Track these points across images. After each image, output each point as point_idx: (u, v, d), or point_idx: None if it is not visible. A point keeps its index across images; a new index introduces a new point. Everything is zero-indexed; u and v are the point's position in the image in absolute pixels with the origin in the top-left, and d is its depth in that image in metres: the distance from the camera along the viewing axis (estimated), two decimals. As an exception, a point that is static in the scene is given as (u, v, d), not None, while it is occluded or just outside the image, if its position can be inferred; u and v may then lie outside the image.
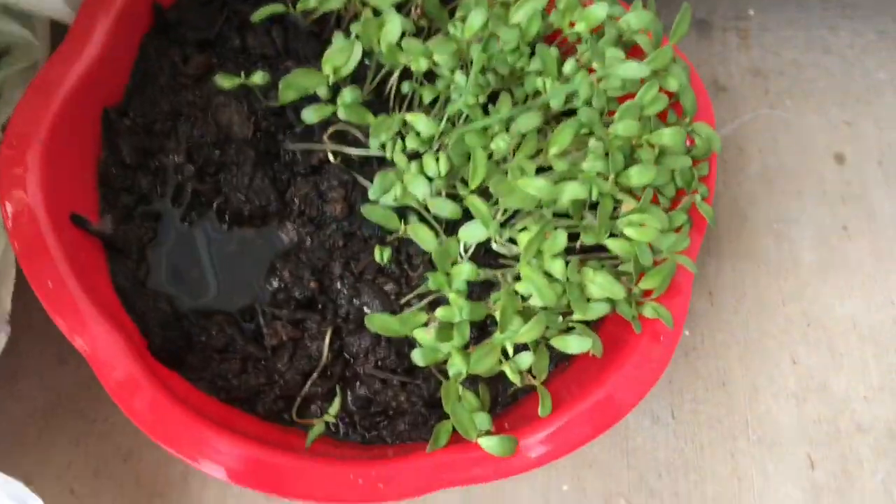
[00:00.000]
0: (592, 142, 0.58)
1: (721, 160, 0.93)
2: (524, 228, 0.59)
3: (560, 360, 0.67)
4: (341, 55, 0.62)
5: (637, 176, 0.58)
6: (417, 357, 0.58)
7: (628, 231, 0.58)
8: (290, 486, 0.54)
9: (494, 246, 0.66)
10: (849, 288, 0.89)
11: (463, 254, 0.65)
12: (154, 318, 0.62)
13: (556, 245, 0.56)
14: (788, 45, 1.02)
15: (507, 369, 0.58)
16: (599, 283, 0.57)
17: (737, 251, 0.90)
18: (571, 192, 0.57)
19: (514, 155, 0.61)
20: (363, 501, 0.54)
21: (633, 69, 0.62)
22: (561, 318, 0.60)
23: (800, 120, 0.97)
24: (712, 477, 0.80)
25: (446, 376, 0.64)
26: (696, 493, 0.79)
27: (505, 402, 0.66)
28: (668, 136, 0.60)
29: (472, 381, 0.63)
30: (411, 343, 0.65)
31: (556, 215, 0.61)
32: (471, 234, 0.59)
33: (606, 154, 0.59)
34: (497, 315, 0.57)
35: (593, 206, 0.62)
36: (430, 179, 0.60)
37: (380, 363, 0.64)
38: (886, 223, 0.93)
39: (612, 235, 0.59)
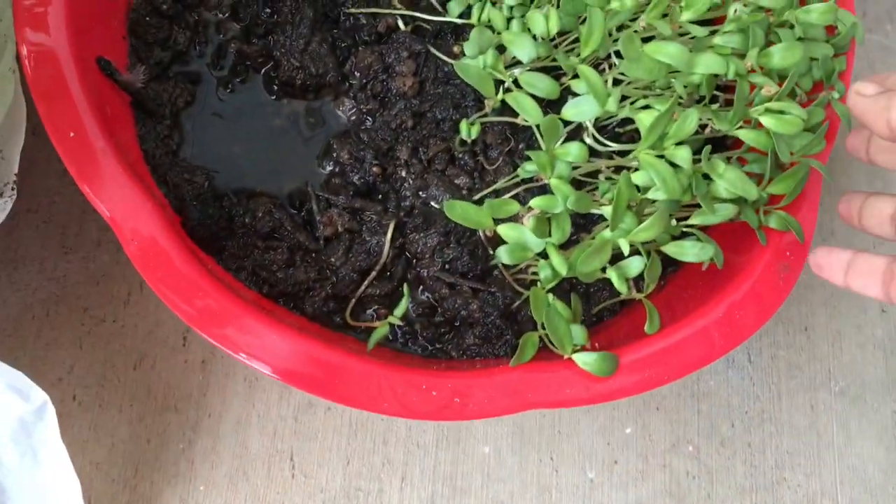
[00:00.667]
0: (733, 9, 0.48)
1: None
2: (646, 107, 0.49)
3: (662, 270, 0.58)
4: None
5: (780, 56, 0.49)
6: (504, 254, 0.49)
7: (766, 120, 0.48)
8: (350, 391, 0.45)
9: (589, 141, 0.56)
10: (947, 234, 0.81)
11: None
12: (189, 192, 0.52)
13: (685, 128, 0.46)
14: (889, -34, 0.93)
15: (613, 275, 0.48)
16: (730, 180, 0.48)
17: (826, 188, 0.80)
18: (708, 64, 0.47)
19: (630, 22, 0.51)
20: (436, 418, 0.45)
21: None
22: (675, 220, 0.51)
23: (900, 48, 0.88)
24: (789, 429, 0.71)
25: (524, 286, 0.55)
26: (771, 446, 0.71)
27: (589, 321, 0.57)
28: (817, 13, 0.50)
29: (557, 292, 0.54)
30: (485, 246, 0.56)
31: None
32: (580, 110, 0.49)
33: (743, 30, 0.49)
34: (606, 211, 0.48)
35: (718, 92, 0.52)
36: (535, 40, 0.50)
37: (448, 266, 0.55)
38: None
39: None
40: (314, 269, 0.54)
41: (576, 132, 0.56)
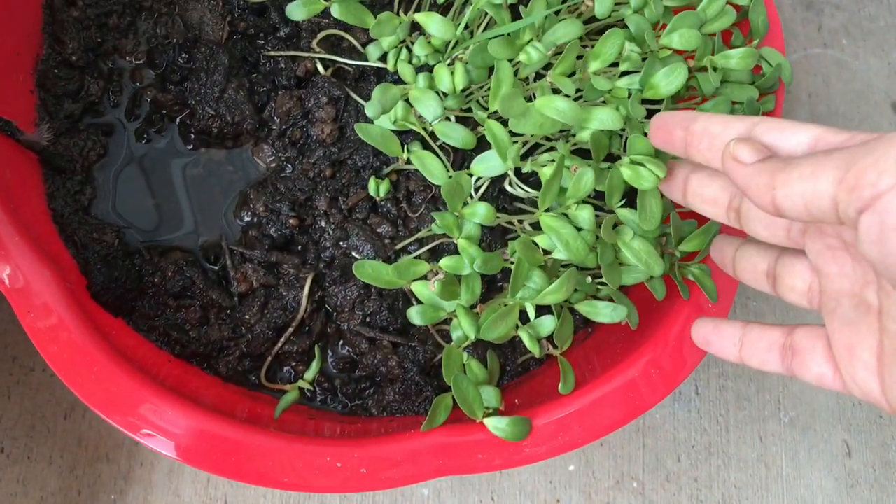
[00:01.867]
0: (630, 49, 0.46)
1: (766, 103, 0.82)
2: (551, 161, 0.48)
3: (581, 325, 0.57)
4: (336, -60, 0.50)
5: (665, 82, 0.46)
6: (415, 315, 0.48)
7: (628, 174, 0.46)
8: (251, 469, 0.44)
9: (510, 188, 0.55)
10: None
11: (473, 194, 0.54)
12: (97, 253, 0.51)
13: (582, 186, 0.45)
14: (846, -24, 0.90)
15: (523, 336, 0.47)
16: (636, 251, 0.46)
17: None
18: (602, 119, 0.45)
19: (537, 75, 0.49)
20: (340, 490, 0.44)
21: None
22: (589, 278, 0.49)
23: (856, 62, 0.85)
24: (737, 462, 0.70)
25: (447, 338, 0.54)
26: (718, 480, 0.70)
27: (514, 371, 0.56)
28: (737, 59, 0.48)
29: (477, 346, 0.53)
30: (407, 297, 0.54)
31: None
32: (486, 166, 0.48)
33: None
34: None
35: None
36: (441, 97, 0.49)
37: (368, 319, 0.54)
38: (945, 184, 0.82)
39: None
40: (228, 327, 0.53)
41: (502, 176, 0.55)
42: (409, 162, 0.49)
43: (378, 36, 0.50)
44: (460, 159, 0.55)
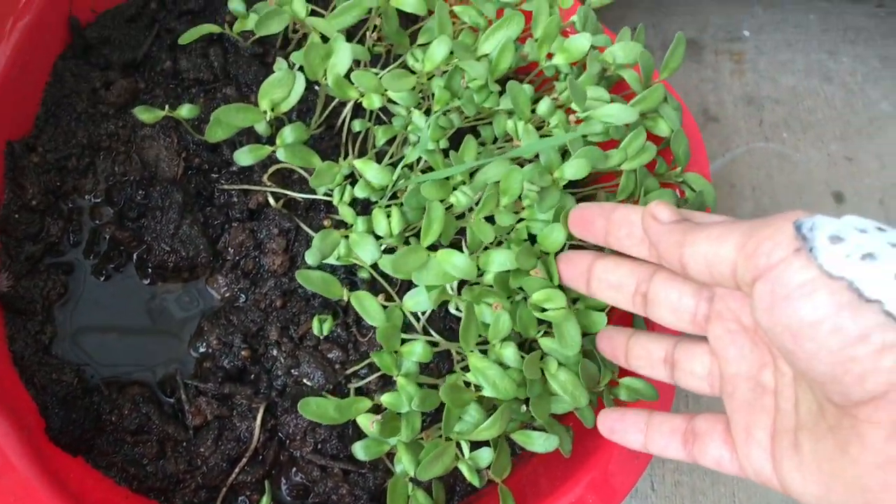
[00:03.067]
0: (528, 187, 0.50)
1: (711, 198, 0.85)
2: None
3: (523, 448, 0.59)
4: (281, 88, 0.53)
5: (549, 240, 0.50)
6: (359, 450, 0.50)
7: (539, 315, 0.49)
8: None
9: (454, 311, 0.58)
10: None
11: (420, 315, 0.57)
12: (56, 395, 0.53)
13: (500, 328, 0.48)
14: (785, 71, 0.94)
15: (463, 468, 0.49)
16: (562, 383, 0.49)
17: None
18: (501, 261, 0.48)
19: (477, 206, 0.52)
20: None
21: (619, 113, 0.54)
22: (524, 406, 0.52)
23: (797, 155, 0.89)
24: (696, 556, 0.72)
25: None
26: (678, 575, 0.71)
27: (464, 491, 0.58)
28: (654, 198, 0.51)
29: (425, 470, 0.55)
30: (356, 425, 0.56)
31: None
32: (415, 303, 0.51)
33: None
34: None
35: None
36: (379, 238, 0.52)
37: (319, 447, 0.56)
38: (888, 270, 0.85)
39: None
40: (184, 460, 0.54)
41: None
42: (349, 304, 0.51)
43: (318, 186, 0.53)
44: (405, 287, 0.58)
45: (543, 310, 0.49)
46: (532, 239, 0.52)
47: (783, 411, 0.38)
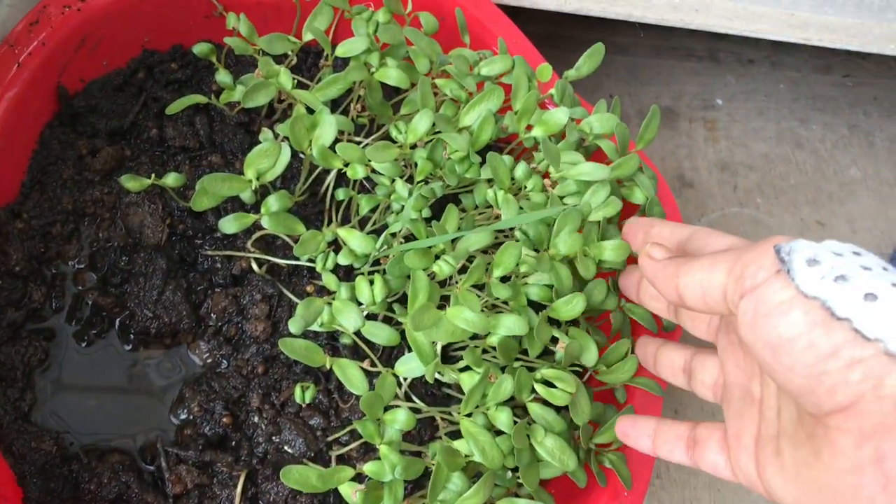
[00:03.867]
0: (526, 254, 0.51)
1: (688, 262, 0.87)
2: (467, 367, 0.51)
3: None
4: (267, 159, 0.54)
5: (564, 309, 0.51)
6: (342, 522, 0.50)
7: (542, 392, 0.50)
8: None
9: (439, 376, 0.58)
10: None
11: (403, 381, 0.57)
12: (34, 463, 0.53)
13: (501, 392, 0.48)
14: (758, 138, 0.97)
15: (446, 537, 0.49)
16: (549, 449, 0.49)
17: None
18: (509, 325, 0.49)
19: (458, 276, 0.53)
20: None
21: (592, 171, 0.55)
22: (510, 472, 0.52)
23: (771, 220, 0.91)
24: None
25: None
26: None
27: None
28: (609, 250, 0.53)
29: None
30: (338, 493, 0.56)
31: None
32: (408, 369, 0.51)
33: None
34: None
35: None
36: (361, 305, 0.52)
37: (301, 515, 0.55)
38: (862, 333, 0.87)
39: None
40: (163, 530, 0.54)
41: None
42: (331, 370, 0.51)
43: (302, 255, 0.53)
44: (388, 354, 0.58)
45: (551, 385, 0.50)
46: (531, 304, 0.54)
47: (767, 419, 0.41)
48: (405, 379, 0.57)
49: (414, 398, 0.57)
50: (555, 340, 0.54)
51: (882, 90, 1.03)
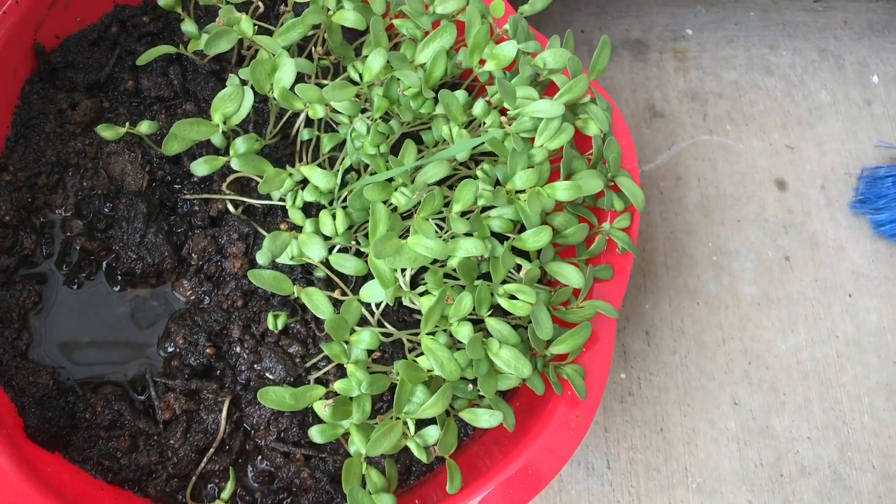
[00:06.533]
0: (482, 188, 0.55)
1: (658, 190, 0.90)
2: (426, 292, 0.55)
3: (474, 427, 0.63)
4: (232, 102, 0.57)
5: (532, 240, 0.55)
6: (316, 434, 0.54)
7: (504, 304, 0.54)
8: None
9: (406, 302, 0.62)
10: (791, 322, 0.86)
11: (375, 309, 0.61)
12: (33, 396, 0.57)
13: (461, 309, 0.52)
14: (728, 66, 0.99)
15: (411, 445, 0.53)
16: (505, 359, 0.53)
17: (674, 286, 0.86)
18: (467, 249, 0.53)
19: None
20: None
21: (547, 107, 0.58)
22: (471, 385, 0.56)
23: (740, 145, 0.94)
24: (651, 528, 0.76)
25: (356, 446, 0.59)
26: (635, 547, 0.75)
27: (420, 471, 0.62)
28: (562, 191, 0.56)
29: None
30: (315, 413, 0.60)
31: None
32: (371, 294, 0.55)
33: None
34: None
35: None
36: (327, 238, 0.56)
37: (282, 435, 0.60)
38: (829, 251, 0.90)
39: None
40: (156, 452, 0.58)
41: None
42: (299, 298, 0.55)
43: (267, 192, 0.57)
44: (360, 284, 0.62)
45: (512, 297, 0.54)
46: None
47: None
48: (377, 306, 0.61)
49: (386, 324, 0.60)
50: (519, 269, 0.57)
51: (852, 13, 1.04)
